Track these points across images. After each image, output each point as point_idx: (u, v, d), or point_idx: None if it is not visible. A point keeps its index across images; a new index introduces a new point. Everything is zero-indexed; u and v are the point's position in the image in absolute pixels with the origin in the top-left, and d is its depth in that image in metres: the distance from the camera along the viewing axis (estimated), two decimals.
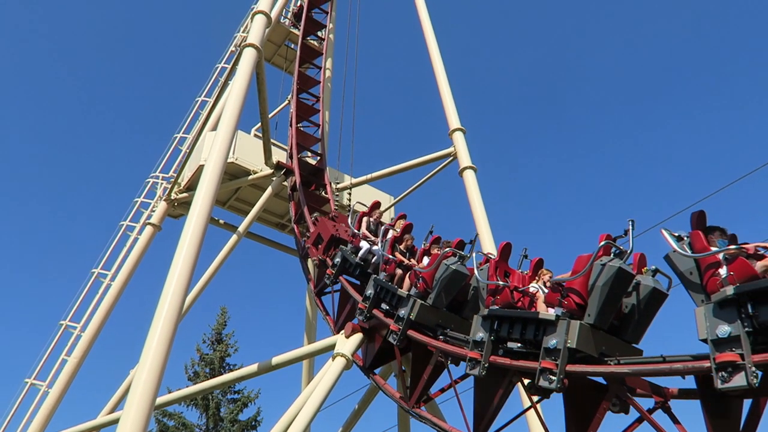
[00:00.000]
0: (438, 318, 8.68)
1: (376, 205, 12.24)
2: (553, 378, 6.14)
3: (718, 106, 56.70)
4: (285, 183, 16.04)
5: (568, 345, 6.13)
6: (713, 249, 5.35)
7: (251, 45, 12.46)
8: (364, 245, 11.11)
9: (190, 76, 63.12)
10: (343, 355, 9.76)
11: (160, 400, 12.31)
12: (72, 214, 63.09)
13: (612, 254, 6.33)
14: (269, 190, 15.86)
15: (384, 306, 9.76)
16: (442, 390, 8.81)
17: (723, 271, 5.22)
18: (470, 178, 15.77)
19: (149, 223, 17.21)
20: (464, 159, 16.16)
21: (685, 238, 5.68)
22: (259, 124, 15.70)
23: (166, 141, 19.22)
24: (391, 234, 10.38)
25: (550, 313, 6.62)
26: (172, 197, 17.26)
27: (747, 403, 5.56)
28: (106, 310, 16.05)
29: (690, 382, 5.83)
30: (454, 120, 16.88)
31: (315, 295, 13.01)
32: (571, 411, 6.67)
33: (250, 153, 16.82)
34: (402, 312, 8.79)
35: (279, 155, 16.65)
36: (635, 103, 60.27)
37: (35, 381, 15.48)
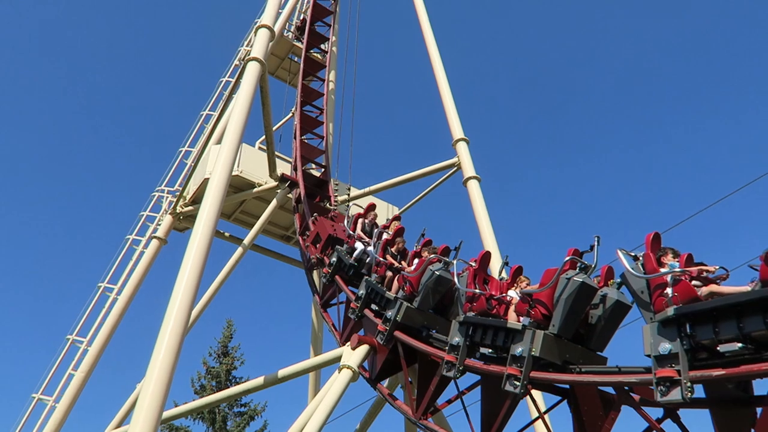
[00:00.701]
0: (424, 320, 9.09)
1: (372, 207, 12.59)
2: (518, 383, 6.53)
3: (724, 109, 56.66)
4: (290, 195, 16.07)
5: (533, 353, 6.51)
6: (662, 270, 5.68)
7: (255, 59, 12.57)
8: (359, 246, 11.44)
9: (195, 90, 63.63)
10: (349, 367, 9.71)
11: (166, 413, 12.29)
12: (78, 228, 63.39)
13: (578, 268, 6.68)
14: (274, 202, 15.91)
15: (374, 306, 10.16)
16: (449, 401, 8.77)
17: (669, 291, 5.54)
18: (474, 188, 15.80)
19: (155, 237, 17.26)
20: (468, 169, 16.20)
21: (640, 258, 6.02)
22: (264, 136, 15.79)
23: (171, 155, 19.38)
24: (383, 237, 10.71)
25: (520, 321, 6.99)
26: (178, 210, 17.33)
27: (758, 411, 5.51)
28: (113, 324, 16.07)
29: (699, 391, 5.78)
30: (457, 130, 16.93)
31: (321, 307, 13.01)
32: (580, 421, 6.63)
33: (255, 166, 16.91)
34: (389, 313, 9.22)
35: (283, 167, 16.72)
36: (641, 110, 60.30)
37: (42, 396, 15.47)
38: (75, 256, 60.61)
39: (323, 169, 17.46)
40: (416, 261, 9.45)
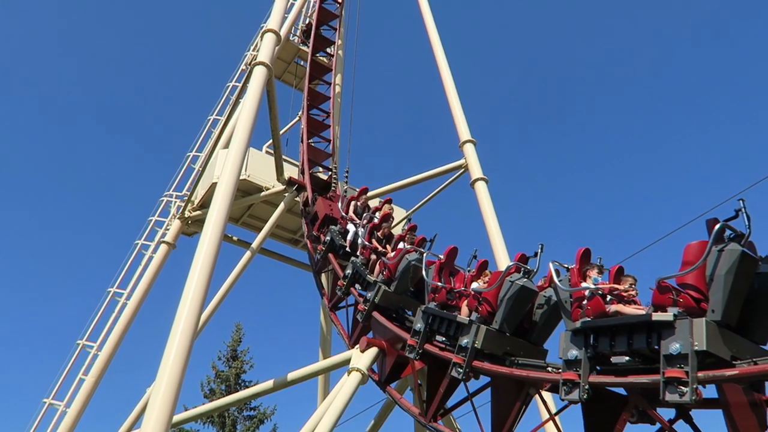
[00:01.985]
0: (399, 302, 10.01)
1: (365, 190, 13.25)
2: (461, 370, 7.42)
3: (741, 109, 56.28)
4: (297, 198, 16.09)
5: (476, 345, 7.35)
6: (582, 285, 6.37)
7: (261, 63, 12.62)
8: (351, 228, 12.01)
9: (202, 95, 63.90)
10: (358, 370, 9.71)
11: (176, 418, 12.29)
12: (87, 233, 63.78)
13: (522, 272, 7.50)
14: (282, 205, 15.92)
15: (358, 287, 10.99)
16: (459, 403, 8.76)
17: (585, 304, 6.21)
18: (482, 190, 15.77)
19: (164, 242, 17.30)
20: (475, 170, 16.16)
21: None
22: (271, 140, 15.81)
23: (179, 160, 19.37)
24: (372, 221, 11.34)
25: (471, 316, 7.77)
26: (186, 215, 17.37)
27: None
28: (122, 328, 16.12)
29: (711, 391, 5.75)
30: (464, 132, 16.90)
31: (329, 309, 13.01)
32: (591, 423, 6.60)
33: (262, 169, 16.91)
34: (369, 295, 10.10)
35: (291, 171, 16.74)
36: (651, 110, 59.96)
37: (53, 401, 15.54)
38: (84, 262, 61.03)
39: (330, 172, 17.46)
40: (402, 244, 10.16)
